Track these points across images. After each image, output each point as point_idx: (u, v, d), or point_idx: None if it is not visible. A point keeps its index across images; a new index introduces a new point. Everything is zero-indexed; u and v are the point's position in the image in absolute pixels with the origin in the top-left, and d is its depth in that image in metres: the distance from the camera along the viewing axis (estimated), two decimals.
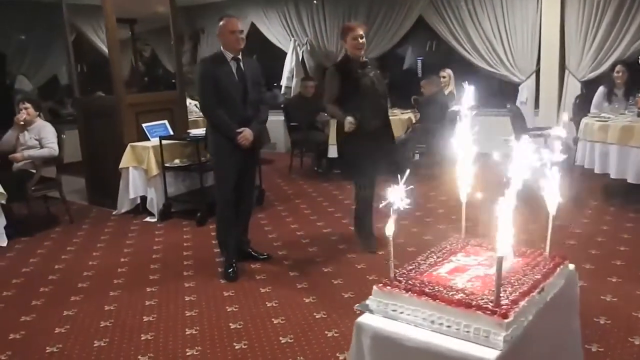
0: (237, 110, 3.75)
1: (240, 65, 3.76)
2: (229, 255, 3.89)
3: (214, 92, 3.69)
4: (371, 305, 1.59)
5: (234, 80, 3.73)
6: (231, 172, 3.80)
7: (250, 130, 3.78)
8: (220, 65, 3.72)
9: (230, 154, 3.77)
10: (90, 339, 3.03)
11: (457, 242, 1.90)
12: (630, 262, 3.79)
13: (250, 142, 3.78)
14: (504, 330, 1.36)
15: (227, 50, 3.74)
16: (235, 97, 3.74)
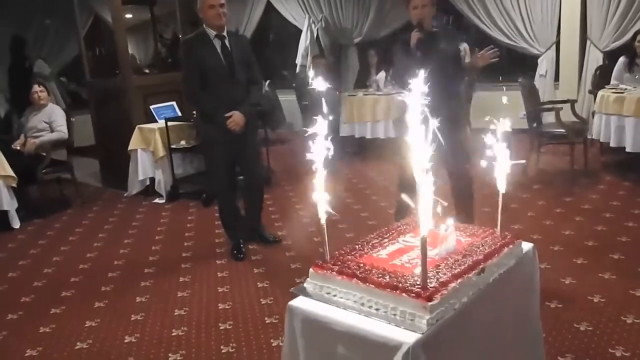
0: (225, 93, 3.51)
1: (225, 43, 3.52)
2: (235, 236, 3.85)
3: (197, 74, 3.49)
4: (308, 288, 1.57)
5: (218, 60, 3.49)
6: (222, 159, 3.64)
7: (239, 114, 3.52)
8: (203, 44, 3.49)
9: (220, 141, 3.56)
10: (82, 319, 3.10)
11: (410, 223, 1.85)
12: (636, 239, 3.65)
13: (242, 126, 3.55)
14: (428, 314, 1.31)
15: (209, 27, 3.50)
16: (221, 78, 3.51)
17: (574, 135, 5.06)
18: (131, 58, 7.13)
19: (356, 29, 8.59)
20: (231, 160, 3.70)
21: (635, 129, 4.85)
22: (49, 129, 5.30)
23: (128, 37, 6.13)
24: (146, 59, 10.67)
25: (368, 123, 6.61)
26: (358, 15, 8.48)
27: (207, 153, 3.81)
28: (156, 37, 9.86)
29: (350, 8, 8.50)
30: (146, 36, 10.24)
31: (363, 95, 6.74)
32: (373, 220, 4.43)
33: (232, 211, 3.86)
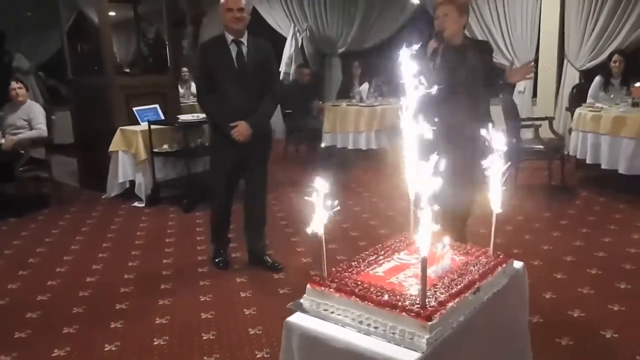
0: (234, 100, 3.37)
1: (241, 49, 3.38)
2: (219, 245, 3.77)
3: (208, 79, 3.39)
4: (305, 304, 1.57)
5: (231, 65, 3.35)
6: (224, 168, 3.52)
7: (245, 124, 3.36)
8: (218, 48, 3.37)
9: (225, 149, 3.45)
10: (59, 326, 3.03)
11: (403, 240, 1.87)
12: (612, 254, 3.74)
13: (246, 137, 3.39)
14: (427, 333, 1.33)
15: (227, 31, 3.38)
16: (231, 84, 3.37)
17: (551, 152, 5.18)
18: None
19: (340, 39, 8.65)
20: (234, 169, 3.56)
21: (611, 146, 4.99)
22: (28, 126, 5.20)
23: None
24: (127, 58, 10.54)
25: (350, 133, 6.66)
26: (343, 26, 8.55)
27: (211, 155, 3.72)
28: (139, 37, 9.78)
29: (335, 18, 8.57)
30: (128, 35, 10.11)
31: (346, 105, 6.78)
32: (355, 231, 4.45)
33: (224, 217, 3.72)
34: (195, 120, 5.42)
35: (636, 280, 3.34)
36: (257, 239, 3.76)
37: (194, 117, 5.52)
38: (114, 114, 5.58)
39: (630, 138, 4.81)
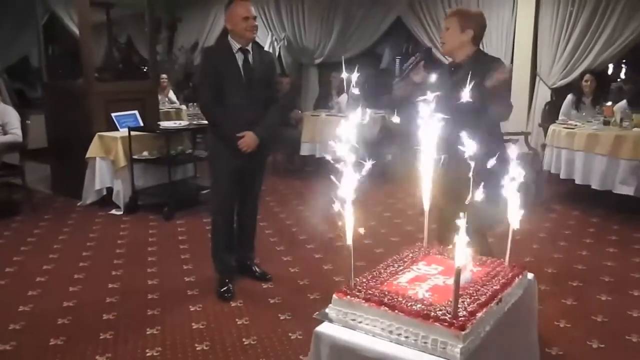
0: (240, 110, 3.27)
1: (248, 58, 3.29)
2: (224, 273, 3.50)
3: (214, 87, 3.27)
4: (330, 314, 1.57)
5: (238, 74, 3.26)
6: (228, 180, 3.38)
7: (252, 135, 3.28)
8: (224, 56, 3.26)
9: (229, 160, 3.32)
10: (46, 337, 2.94)
11: (419, 251, 1.90)
12: (591, 267, 3.87)
13: (253, 147, 3.31)
14: (461, 342, 1.36)
15: (235, 39, 3.26)
16: (238, 94, 3.26)
17: (528, 166, 5.32)
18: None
19: (318, 49, 8.71)
20: (236, 180, 3.43)
21: (585, 162, 5.16)
22: (2, 131, 5.03)
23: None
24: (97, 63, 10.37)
25: (329, 143, 6.66)
26: (320, 37, 8.61)
27: (212, 167, 3.52)
28: (111, 41, 9.63)
29: (313, 29, 8.63)
30: (99, 39, 9.98)
31: (325, 115, 6.82)
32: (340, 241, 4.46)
33: (229, 239, 3.52)
34: (177, 128, 5.36)
35: (615, 292, 3.46)
36: (248, 250, 3.71)
37: (176, 124, 5.45)
38: (91, 120, 5.46)
39: (603, 155, 5.00)
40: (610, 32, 6.43)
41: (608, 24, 6.43)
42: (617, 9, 6.35)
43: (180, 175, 5.65)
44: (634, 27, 6.31)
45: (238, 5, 3.24)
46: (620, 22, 6.36)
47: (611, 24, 6.41)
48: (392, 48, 9.80)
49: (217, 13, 9.42)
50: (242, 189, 3.54)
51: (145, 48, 9.79)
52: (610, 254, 4.13)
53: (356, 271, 1.72)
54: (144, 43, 9.94)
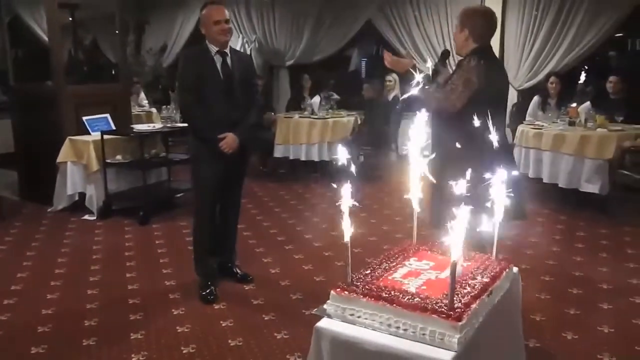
0: (220, 112, 3.30)
1: (226, 61, 3.32)
2: (206, 276, 3.51)
3: (193, 90, 3.29)
4: (329, 310, 1.61)
5: (217, 77, 3.30)
6: (210, 182, 3.39)
7: (233, 136, 3.30)
8: (203, 59, 3.30)
9: (210, 162, 3.34)
10: (27, 346, 2.88)
11: (409, 247, 1.96)
12: (562, 262, 4.02)
13: (234, 149, 3.32)
14: (458, 333, 1.42)
15: (211, 43, 3.30)
16: (217, 96, 3.29)
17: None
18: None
19: (289, 51, 8.74)
20: (218, 183, 3.44)
21: (552, 162, 5.35)
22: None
23: None
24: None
25: (303, 145, 6.73)
26: (291, 39, 8.65)
27: (194, 170, 3.53)
28: (76, 43, 9.44)
29: (284, 31, 8.66)
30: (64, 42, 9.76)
31: (299, 117, 6.86)
32: (318, 242, 4.52)
33: (210, 237, 3.52)
34: (152, 131, 5.31)
35: (586, 285, 3.60)
36: (230, 252, 3.72)
37: (150, 126, 5.40)
38: (62, 124, 5.36)
39: (570, 155, 5.19)
40: (572, 37, 6.68)
41: (570, 28, 6.67)
42: (578, 15, 6.60)
43: (154, 179, 5.59)
44: (594, 32, 6.57)
45: (210, 10, 3.29)
46: (581, 27, 6.62)
47: (573, 28, 6.66)
48: (361, 50, 9.93)
49: (185, 15, 9.37)
50: (224, 192, 3.55)
51: (112, 50, 9.68)
52: (579, 249, 4.29)
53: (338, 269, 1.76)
54: (110, 45, 9.81)
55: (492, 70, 2.83)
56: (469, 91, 2.74)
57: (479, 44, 2.86)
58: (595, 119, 5.37)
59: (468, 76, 2.75)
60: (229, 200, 3.60)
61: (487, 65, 2.78)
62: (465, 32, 2.85)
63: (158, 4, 9.55)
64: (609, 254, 4.17)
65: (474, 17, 2.88)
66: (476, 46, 2.86)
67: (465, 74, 2.77)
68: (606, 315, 3.21)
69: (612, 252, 4.20)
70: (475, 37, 2.85)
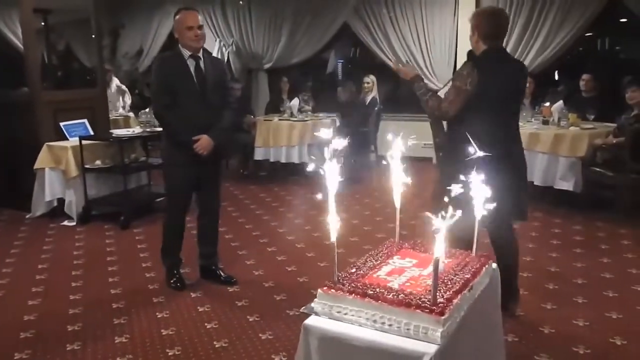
0: (195, 115, 3.36)
1: (199, 65, 3.39)
2: (171, 267, 3.66)
3: (167, 94, 3.35)
4: (316, 308, 1.66)
5: (190, 81, 3.35)
6: (183, 184, 3.49)
7: (207, 138, 3.37)
8: (176, 63, 3.35)
9: (183, 165, 3.41)
10: (10, 352, 2.87)
11: (392, 246, 2.02)
12: (538, 258, 4.13)
13: (209, 151, 3.39)
14: (441, 327, 1.48)
15: (184, 47, 3.36)
16: (191, 100, 3.35)
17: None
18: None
19: (267, 55, 8.78)
20: (191, 186, 3.53)
21: (527, 160, 5.34)
22: None
23: None
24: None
25: (283, 148, 6.76)
26: (269, 42, 8.69)
27: (167, 173, 3.59)
28: (49, 48, 9.32)
29: (261, 34, 8.69)
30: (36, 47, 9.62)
31: (278, 120, 6.89)
32: (301, 243, 4.56)
33: (178, 236, 3.65)
34: (131, 135, 5.29)
35: (561, 281, 3.71)
36: (212, 255, 3.76)
37: (129, 131, 5.38)
38: (38, 130, 5.31)
39: (544, 153, 5.32)
40: (544, 37, 6.86)
41: (542, 29, 6.86)
42: (549, 15, 6.78)
43: (134, 184, 5.57)
44: (565, 31, 6.76)
45: (183, 15, 3.35)
46: (553, 27, 6.80)
47: (545, 29, 6.84)
48: (338, 52, 10.01)
49: (161, 19, 9.34)
50: (202, 195, 3.63)
51: (86, 55, 9.58)
52: (555, 246, 4.40)
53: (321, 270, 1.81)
54: (84, 50, 9.71)
55: (489, 74, 2.85)
56: (460, 98, 2.86)
57: (487, 45, 2.90)
58: (568, 117, 5.52)
59: (460, 84, 2.86)
60: (207, 203, 3.66)
61: (481, 70, 2.83)
62: (475, 35, 2.91)
63: (133, 8, 9.49)
64: (583, 250, 4.29)
65: (477, 18, 2.93)
66: (486, 48, 2.91)
67: (457, 82, 2.89)
68: (581, 308, 3.31)
69: (586, 248, 4.33)
70: (486, 39, 2.89)
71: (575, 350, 2.83)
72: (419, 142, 3.17)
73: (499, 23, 2.96)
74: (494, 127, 2.87)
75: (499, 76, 2.91)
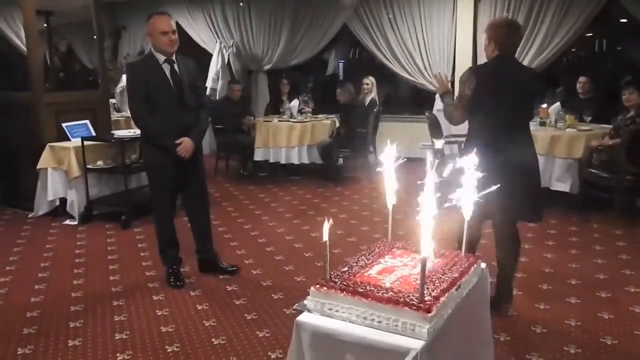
0: (173, 118, 3.45)
1: (174, 68, 3.47)
2: (172, 262, 3.77)
3: (144, 99, 3.42)
4: (309, 305, 1.72)
5: (167, 84, 3.44)
6: (166, 185, 3.61)
7: (189, 140, 3.48)
8: (151, 68, 3.43)
9: (165, 167, 3.52)
10: (13, 347, 2.94)
11: (384, 245, 2.08)
12: (533, 258, 4.18)
13: (191, 152, 3.50)
14: (428, 323, 1.54)
15: (157, 52, 3.45)
16: (169, 103, 3.44)
17: None
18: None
19: (266, 56, 8.84)
20: (175, 185, 3.66)
21: None
22: None
23: None
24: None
25: (283, 149, 6.82)
26: (269, 43, 8.75)
27: (151, 176, 3.71)
28: (51, 50, 9.39)
29: (261, 36, 8.75)
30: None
31: (278, 121, 6.95)
32: (299, 243, 4.62)
33: (171, 235, 3.77)
34: (132, 136, 5.35)
35: (555, 281, 3.77)
36: (209, 247, 3.89)
37: (130, 132, 5.45)
38: (41, 130, 5.37)
39: (541, 154, 5.35)
40: (542, 38, 6.91)
41: (540, 29, 6.91)
42: (547, 16, 6.84)
43: (134, 184, 5.63)
44: (562, 34, 6.82)
45: (157, 20, 3.43)
46: (550, 29, 6.86)
47: (543, 29, 6.89)
48: (337, 54, 10.08)
49: None
50: (188, 194, 3.77)
51: (88, 56, 9.67)
52: (550, 247, 4.46)
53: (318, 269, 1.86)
54: (85, 51, 9.79)
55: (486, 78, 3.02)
56: (462, 103, 3.07)
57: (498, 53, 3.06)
58: (565, 119, 5.56)
59: (461, 90, 3.08)
60: (195, 200, 3.79)
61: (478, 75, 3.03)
62: (492, 45, 3.07)
63: (134, 9, 9.55)
64: (578, 251, 4.34)
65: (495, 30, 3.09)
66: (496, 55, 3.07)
67: (460, 88, 3.10)
68: (574, 309, 3.36)
69: (581, 249, 4.38)
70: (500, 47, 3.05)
71: (566, 350, 2.88)
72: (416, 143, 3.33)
73: (515, 32, 3.13)
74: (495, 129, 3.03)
75: (496, 79, 3.04)
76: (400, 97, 8.70)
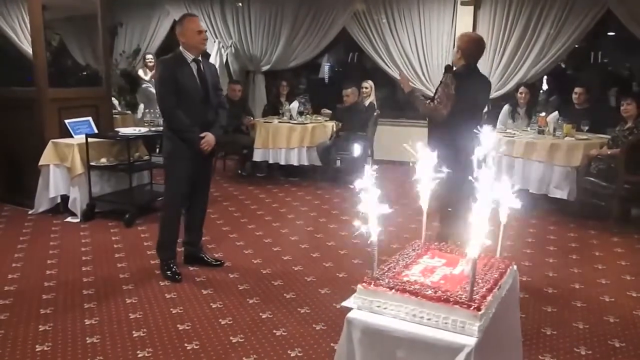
0: (198, 114, 3.68)
1: (200, 67, 3.69)
2: (170, 255, 3.87)
3: (174, 93, 3.60)
4: (356, 302, 1.76)
5: (194, 82, 3.65)
6: (185, 177, 3.74)
7: (212, 136, 3.72)
8: (181, 66, 3.62)
9: (186, 159, 3.69)
10: (31, 344, 2.93)
11: (419, 247, 2.13)
12: (535, 263, 4.27)
13: (212, 147, 3.75)
14: (478, 321, 1.59)
15: (187, 50, 3.65)
16: (196, 100, 3.66)
17: None
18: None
19: (265, 57, 8.86)
20: (191, 179, 3.78)
21: (523, 168, 5.64)
22: None
23: None
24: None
25: (282, 150, 6.85)
26: (267, 44, 8.77)
27: (170, 168, 3.81)
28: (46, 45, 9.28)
29: (260, 37, 8.77)
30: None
31: (278, 122, 6.98)
32: (305, 244, 4.65)
33: (177, 231, 3.89)
34: (138, 134, 5.35)
35: (560, 285, 3.86)
36: (198, 242, 4.08)
37: (135, 130, 5.43)
38: (44, 127, 5.32)
39: (540, 162, 5.49)
40: (540, 48, 7.06)
41: (538, 40, 7.06)
42: (545, 27, 6.99)
43: (136, 182, 5.61)
44: (559, 44, 6.97)
45: (191, 22, 3.69)
46: (549, 39, 7.00)
47: (540, 40, 7.04)
48: (332, 57, 10.14)
49: (160, 18, 9.37)
50: (196, 188, 3.88)
51: (80, 52, 9.59)
52: (551, 252, 4.56)
53: (326, 269, 1.91)
54: (77, 47, 9.71)
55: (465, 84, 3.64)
56: (450, 101, 3.65)
57: (466, 62, 3.77)
58: (563, 128, 5.69)
59: (447, 90, 3.66)
60: (199, 196, 3.94)
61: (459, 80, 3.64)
62: (459, 54, 3.77)
63: (132, 7, 9.50)
64: (578, 256, 4.45)
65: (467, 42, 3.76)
66: (464, 64, 3.77)
67: (445, 89, 3.67)
68: (580, 312, 3.45)
69: (582, 254, 4.49)
70: (465, 58, 3.76)
71: (577, 351, 2.96)
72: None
73: (481, 48, 3.80)
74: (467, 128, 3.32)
75: (471, 86, 3.72)
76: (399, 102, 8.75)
